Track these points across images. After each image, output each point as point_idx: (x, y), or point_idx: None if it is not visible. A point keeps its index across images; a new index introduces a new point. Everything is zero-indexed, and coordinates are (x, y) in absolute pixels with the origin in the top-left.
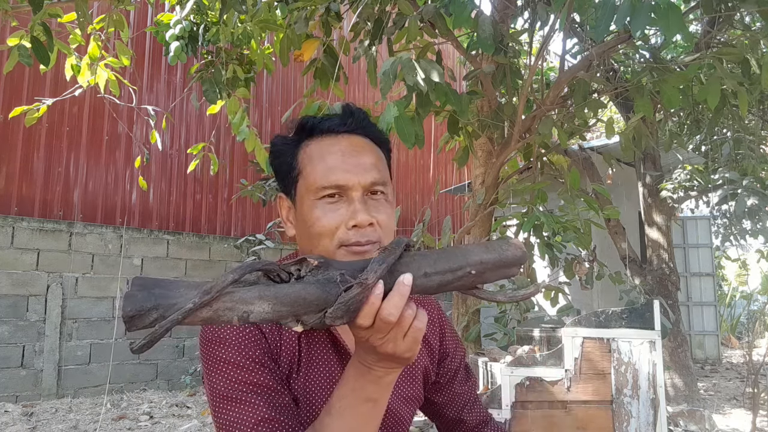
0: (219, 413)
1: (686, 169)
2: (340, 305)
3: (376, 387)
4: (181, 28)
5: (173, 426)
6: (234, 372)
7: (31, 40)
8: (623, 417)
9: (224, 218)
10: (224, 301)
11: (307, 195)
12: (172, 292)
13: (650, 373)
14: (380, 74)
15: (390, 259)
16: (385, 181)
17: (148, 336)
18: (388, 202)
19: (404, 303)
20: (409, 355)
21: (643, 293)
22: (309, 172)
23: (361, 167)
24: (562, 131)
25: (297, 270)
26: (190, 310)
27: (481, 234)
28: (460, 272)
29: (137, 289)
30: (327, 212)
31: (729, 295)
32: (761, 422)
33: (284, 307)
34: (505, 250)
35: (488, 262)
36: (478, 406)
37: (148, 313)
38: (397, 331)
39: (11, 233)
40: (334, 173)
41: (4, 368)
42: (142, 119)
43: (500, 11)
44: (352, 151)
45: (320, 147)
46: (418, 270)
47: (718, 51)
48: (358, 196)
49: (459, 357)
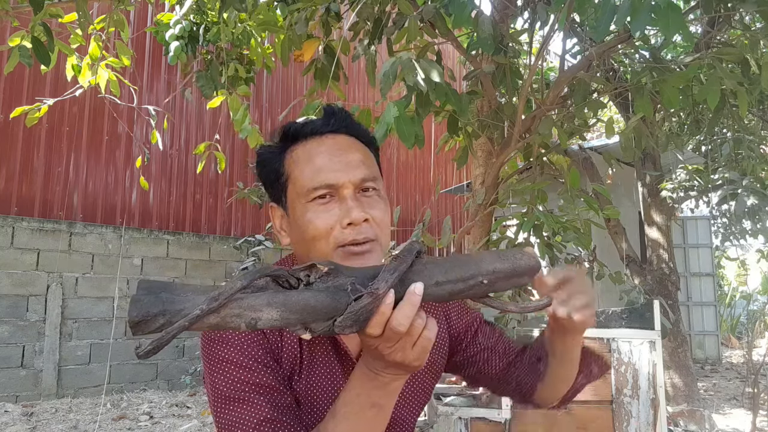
0: (220, 413)
1: (686, 169)
2: (350, 315)
3: (382, 393)
4: (181, 28)
5: (173, 426)
6: (236, 372)
7: (31, 41)
8: (623, 417)
9: (224, 218)
10: (232, 307)
11: (298, 199)
12: (179, 297)
13: (650, 373)
14: (380, 74)
15: (402, 267)
16: (375, 176)
17: (154, 341)
18: (381, 198)
19: (414, 313)
20: (417, 363)
21: (643, 293)
22: (297, 176)
23: (349, 165)
24: (562, 131)
25: (306, 276)
26: (198, 316)
27: (481, 234)
28: (471, 281)
29: (143, 293)
30: (320, 214)
31: (729, 295)
32: (761, 422)
33: (293, 315)
34: (518, 260)
35: (501, 271)
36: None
37: (155, 318)
38: (406, 340)
39: (11, 233)
40: (323, 173)
41: (4, 368)
42: (143, 119)
43: (500, 11)
44: (338, 150)
45: (306, 150)
46: (429, 279)
47: (718, 51)
48: (349, 193)
49: (474, 322)
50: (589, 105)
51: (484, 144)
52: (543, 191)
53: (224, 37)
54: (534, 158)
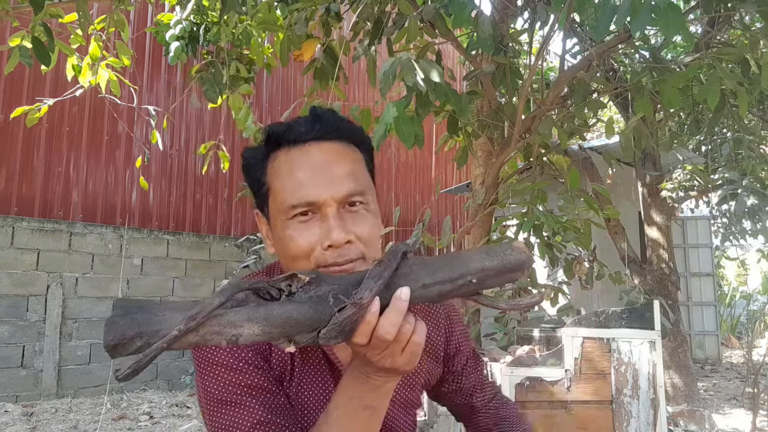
0: (213, 417)
1: (686, 169)
2: (334, 326)
3: (375, 395)
4: (181, 28)
5: (173, 426)
6: (227, 375)
7: (32, 41)
8: (623, 417)
9: (224, 218)
10: (211, 325)
11: (279, 215)
12: (156, 317)
13: (650, 373)
14: (380, 74)
15: (386, 273)
16: (363, 189)
17: (132, 365)
18: (370, 212)
19: (401, 319)
20: (408, 367)
21: (643, 293)
22: (278, 189)
23: (333, 180)
24: (562, 131)
25: (288, 286)
26: (176, 337)
27: (481, 234)
28: (460, 281)
29: (119, 314)
30: (300, 232)
31: (729, 295)
32: (761, 422)
33: (275, 329)
34: (507, 255)
35: (490, 269)
36: (487, 388)
37: (132, 341)
38: (394, 347)
39: (11, 233)
40: (304, 189)
41: (4, 368)
42: (143, 119)
43: (500, 11)
44: (322, 163)
45: (288, 160)
46: (415, 282)
47: (718, 51)
48: (332, 212)
49: (467, 352)
50: (589, 105)
51: (484, 144)
52: (543, 191)
53: (224, 37)
54: (534, 158)
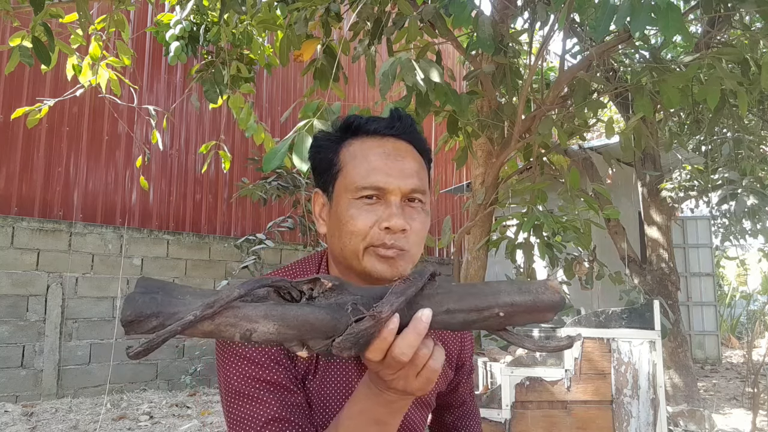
0: (230, 408)
1: (686, 169)
2: (349, 337)
3: (387, 410)
4: (181, 28)
5: (173, 426)
6: (249, 368)
7: (32, 41)
8: (623, 417)
9: (224, 218)
10: (227, 316)
11: (345, 193)
12: (175, 300)
13: (650, 373)
14: (380, 75)
15: (410, 291)
16: (424, 189)
17: (145, 344)
18: (425, 212)
19: (419, 342)
20: (420, 393)
21: (643, 293)
22: (350, 170)
23: (403, 172)
24: (562, 131)
25: (309, 290)
26: (191, 322)
27: (481, 234)
28: (486, 312)
29: (140, 292)
30: (363, 212)
31: (729, 295)
32: (761, 422)
33: (290, 330)
34: (540, 294)
35: (520, 305)
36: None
37: (148, 319)
38: (409, 369)
39: (11, 233)
40: (375, 174)
41: (4, 368)
42: (143, 119)
43: (500, 11)
44: (395, 155)
45: (364, 147)
46: (439, 305)
47: (718, 51)
48: (396, 200)
49: (468, 368)
50: (589, 105)
51: (484, 144)
52: (543, 191)
53: (224, 37)
54: (534, 158)
